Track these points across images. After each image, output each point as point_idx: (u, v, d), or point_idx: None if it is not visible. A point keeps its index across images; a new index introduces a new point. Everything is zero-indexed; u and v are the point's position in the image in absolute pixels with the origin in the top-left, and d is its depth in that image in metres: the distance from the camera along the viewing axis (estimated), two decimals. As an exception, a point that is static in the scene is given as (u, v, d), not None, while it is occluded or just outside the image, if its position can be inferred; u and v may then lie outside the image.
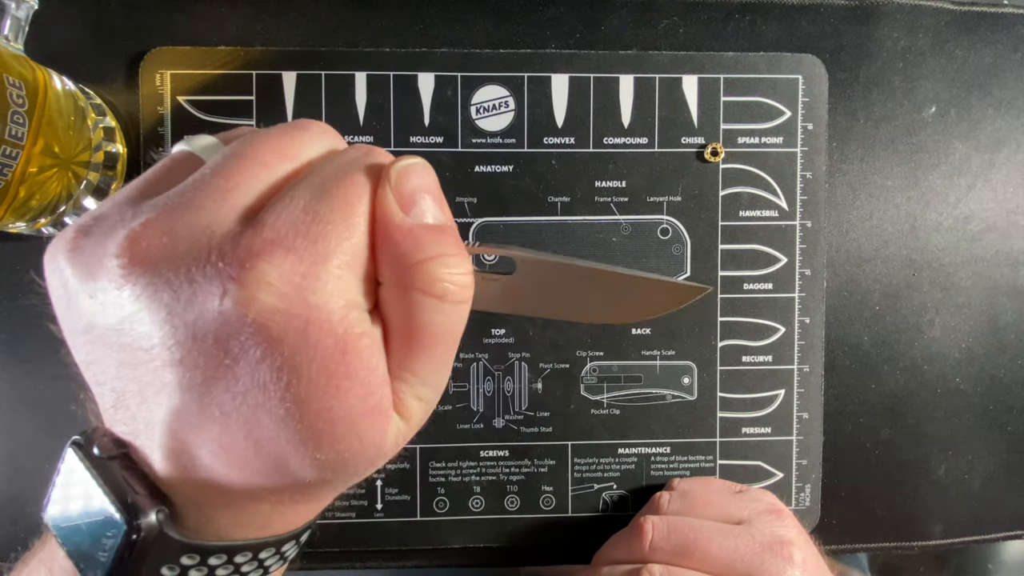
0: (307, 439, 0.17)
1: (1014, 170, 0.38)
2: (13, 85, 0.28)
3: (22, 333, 0.35)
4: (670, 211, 0.37)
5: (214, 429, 0.17)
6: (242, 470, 0.18)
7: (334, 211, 0.17)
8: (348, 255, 0.17)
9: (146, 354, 0.17)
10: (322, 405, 0.17)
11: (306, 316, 0.16)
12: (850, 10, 0.37)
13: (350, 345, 0.17)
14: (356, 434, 0.18)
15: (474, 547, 0.37)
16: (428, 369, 0.19)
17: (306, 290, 0.16)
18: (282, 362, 0.16)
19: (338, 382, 0.17)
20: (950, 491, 0.39)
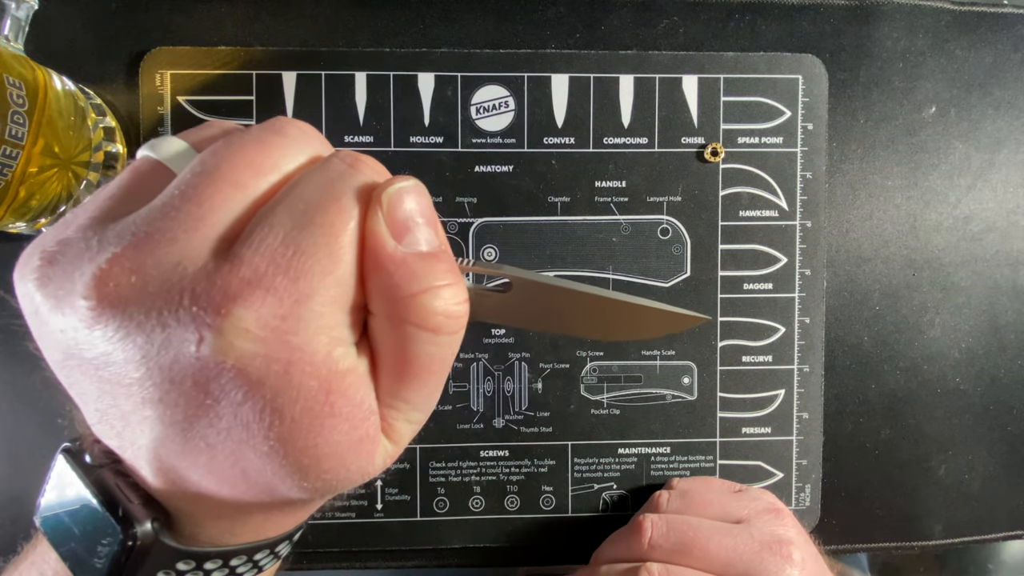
0: (293, 472, 0.17)
1: (1014, 170, 0.38)
2: (13, 85, 0.28)
3: (22, 333, 0.35)
4: (670, 211, 0.37)
5: (200, 458, 0.17)
6: (232, 490, 0.18)
7: (317, 243, 0.16)
8: (332, 290, 0.16)
9: (125, 389, 0.16)
10: (307, 443, 0.16)
11: (287, 359, 0.15)
12: (850, 10, 0.37)
13: (334, 384, 0.16)
14: (343, 465, 0.18)
15: (474, 547, 0.37)
16: (420, 396, 0.19)
17: (287, 332, 0.15)
18: (264, 404, 0.16)
19: (323, 421, 0.16)
20: (950, 491, 0.39)
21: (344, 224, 0.16)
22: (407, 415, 0.19)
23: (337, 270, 0.16)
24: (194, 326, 0.15)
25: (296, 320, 0.16)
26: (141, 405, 0.16)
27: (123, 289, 0.15)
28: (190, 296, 0.15)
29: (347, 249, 0.16)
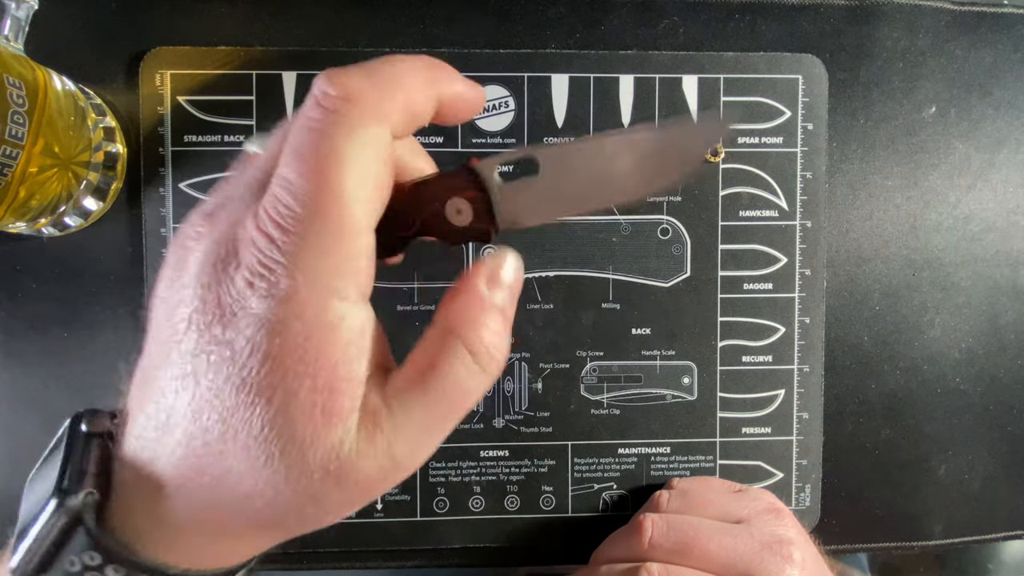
0: (254, 416, 0.17)
1: (1014, 170, 0.38)
2: (13, 85, 0.28)
3: (22, 333, 0.35)
4: (670, 211, 0.37)
5: (185, 396, 0.18)
6: (197, 473, 0.18)
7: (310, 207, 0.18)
8: (340, 247, 0.17)
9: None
10: (269, 382, 0.17)
11: (282, 295, 0.17)
12: (850, 10, 0.37)
13: (315, 333, 0.17)
14: (299, 433, 0.17)
15: (474, 547, 0.37)
16: (419, 415, 0.19)
17: (285, 273, 0.17)
18: (254, 328, 0.17)
19: (292, 366, 0.17)
20: (950, 491, 0.39)
21: (336, 181, 0.17)
22: (395, 430, 0.19)
23: (330, 234, 0.17)
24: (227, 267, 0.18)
25: (295, 265, 0.17)
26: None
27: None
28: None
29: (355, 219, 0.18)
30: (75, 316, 0.35)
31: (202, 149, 0.35)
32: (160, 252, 0.35)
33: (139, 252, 0.35)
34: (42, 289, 0.35)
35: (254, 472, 0.18)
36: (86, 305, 0.35)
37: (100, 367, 0.35)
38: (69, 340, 0.35)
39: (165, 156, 0.35)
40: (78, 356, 0.35)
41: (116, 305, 0.35)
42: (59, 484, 0.19)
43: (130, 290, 0.35)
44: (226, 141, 0.35)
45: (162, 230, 0.35)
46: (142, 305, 0.35)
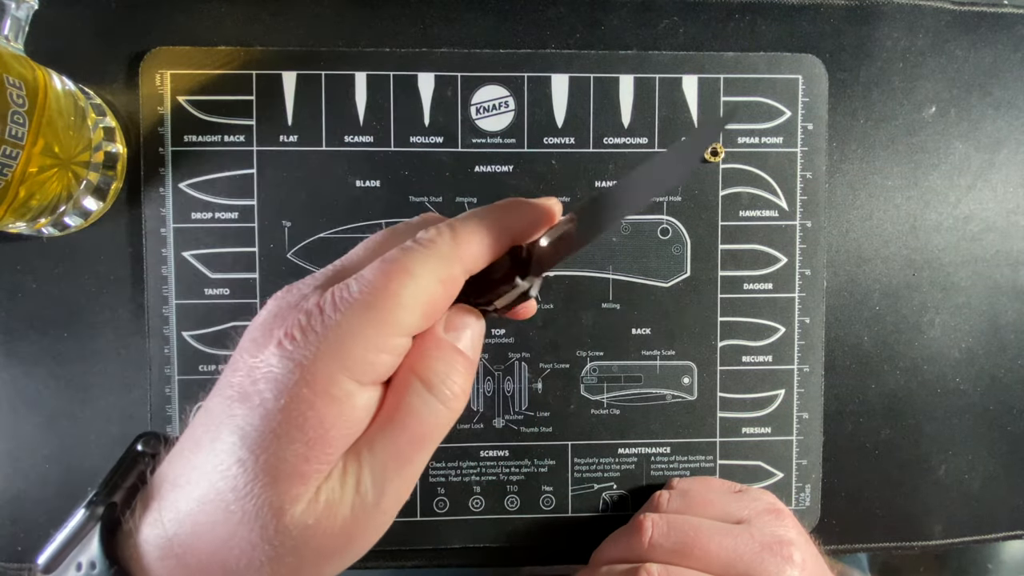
0: (243, 460, 0.19)
1: (1014, 170, 0.38)
2: (13, 85, 0.28)
3: (21, 333, 0.35)
4: (670, 211, 0.37)
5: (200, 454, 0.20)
6: (194, 501, 0.20)
7: (361, 299, 0.20)
8: (365, 333, 0.20)
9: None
10: (263, 440, 0.19)
11: (301, 363, 0.19)
12: (850, 10, 0.37)
13: (319, 403, 0.19)
14: (280, 491, 0.19)
15: (474, 547, 0.37)
16: (386, 452, 0.20)
17: (310, 345, 0.19)
18: (268, 386, 0.19)
19: (288, 430, 0.19)
20: (950, 491, 0.39)
21: (391, 291, 0.20)
22: (364, 472, 0.20)
23: (372, 323, 0.19)
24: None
25: (322, 338, 0.19)
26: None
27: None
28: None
29: (390, 311, 0.20)
30: (75, 316, 0.35)
31: (202, 149, 0.35)
32: (160, 252, 0.35)
33: (139, 252, 0.35)
34: (42, 289, 0.35)
35: (232, 530, 0.19)
36: (86, 305, 0.35)
37: (100, 367, 0.35)
38: (69, 340, 0.35)
39: (165, 156, 0.35)
40: (78, 356, 0.35)
41: (116, 305, 0.35)
42: (95, 494, 0.21)
43: (130, 290, 0.35)
44: (226, 141, 0.35)
45: (162, 230, 0.35)
46: (142, 305, 0.35)
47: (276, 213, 0.35)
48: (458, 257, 0.21)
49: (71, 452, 0.35)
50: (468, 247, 0.22)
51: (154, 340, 0.35)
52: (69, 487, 0.35)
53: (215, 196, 0.35)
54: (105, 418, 0.35)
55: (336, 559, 0.20)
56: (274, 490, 0.19)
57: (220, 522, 0.19)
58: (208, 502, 0.19)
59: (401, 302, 0.20)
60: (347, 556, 0.21)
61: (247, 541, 0.19)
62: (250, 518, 0.19)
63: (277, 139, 0.35)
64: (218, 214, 0.35)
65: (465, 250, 0.21)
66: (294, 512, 0.19)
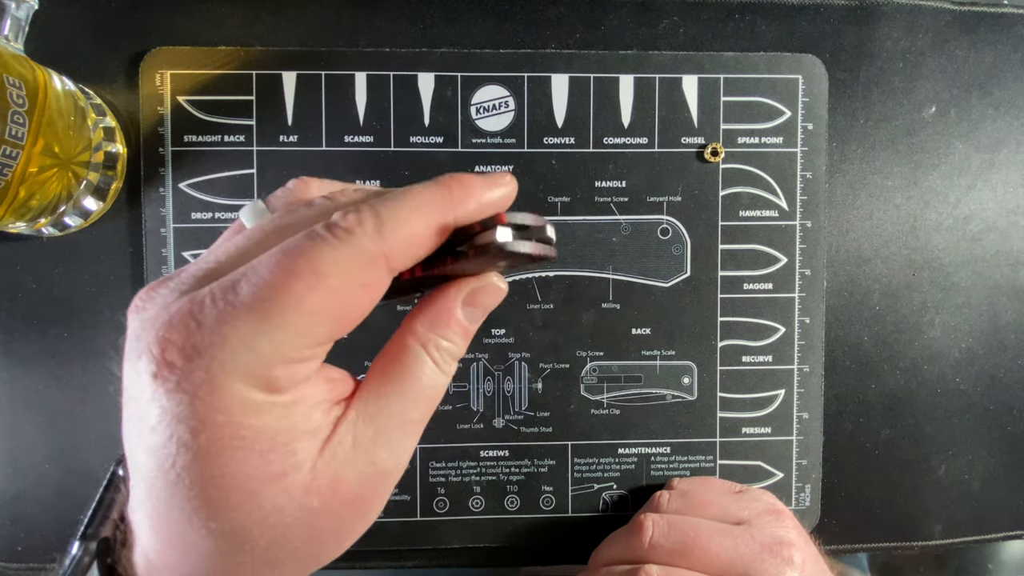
0: (200, 507, 0.17)
1: (1014, 170, 0.38)
2: (13, 85, 0.28)
3: (21, 333, 0.35)
4: (670, 211, 0.37)
5: (139, 489, 0.18)
6: (162, 545, 0.18)
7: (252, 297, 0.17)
8: (265, 332, 0.16)
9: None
10: (211, 473, 0.16)
11: (193, 391, 0.16)
12: (850, 10, 0.37)
13: (246, 420, 0.17)
14: (253, 499, 0.17)
15: (474, 547, 0.37)
16: (380, 413, 0.19)
17: (197, 368, 0.16)
18: (171, 430, 0.16)
19: (231, 453, 0.16)
20: (950, 491, 0.39)
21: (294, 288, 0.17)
22: (356, 428, 0.19)
23: (267, 338, 0.16)
24: (146, 354, 0.17)
25: (210, 358, 0.16)
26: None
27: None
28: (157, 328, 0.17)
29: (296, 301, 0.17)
30: (75, 316, 0.35)
31: (202, 149, 0.35)
32: (160, 252, 0.35)
33: (139, 252, 0.35)
34: (42, 289, 0.35)
35: (233, 549, 0.18)
36: (86, 305, 0.35)
37: (100, 367, 0.35)
38: (69, 340, 0.35)
39: (165, 156, 0.35)
40: (78, 356, 0.35)
41: (116, 305, 0.35)
42: (85, 527, 0.20)
43: (130, 290, 0.35)
44: (226, 141, 0.35)
45: (162, 230, 0.35)
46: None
47: (276, 213, 0.35)
48: (383, 254, 0.17)
49: (71, 452, 0.35)
50: (396, 241, 0.17)
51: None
52: (69, 487, 0.35)
53: (215, 196, 0.35)
54: (105, 418, 0.35)
55: (354, 528, 0.20)
56: (258, 499, 0.17)
57: (216, 552, 0.17)
58: (189, 544, 0.17)
59: (307, 309, 0.16)
60: (364, 524, 0.20)
61: (253, 552, 0.18)
62: (247, 532, 0.17)
63: (277, 139, 0.35)
64: (218, 214, 0.35)
65: (392, 244, 0.17)
66: (293, 501, 0.18)
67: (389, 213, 0.17)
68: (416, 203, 0.18)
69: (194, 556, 0.18)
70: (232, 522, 0.17)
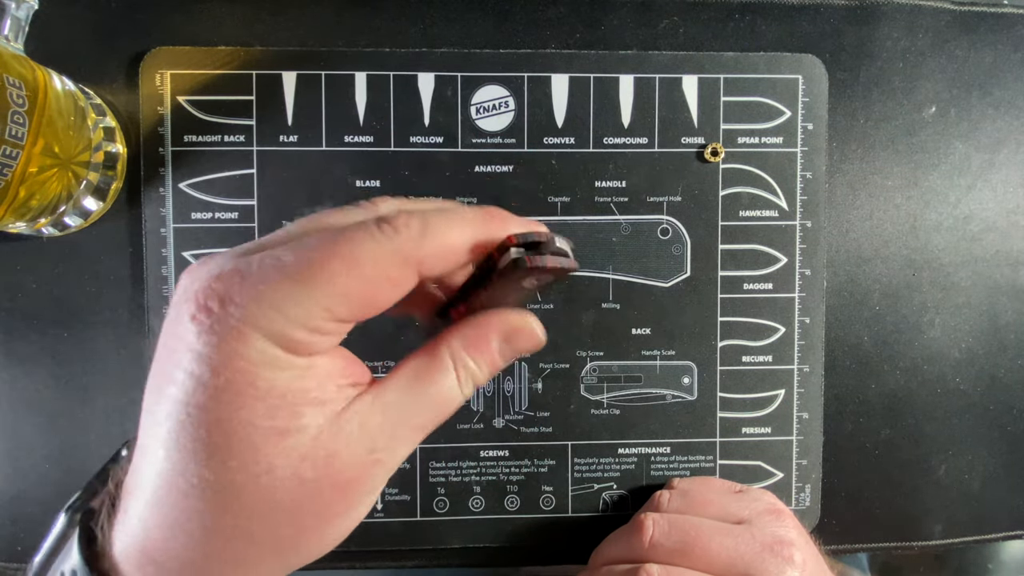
0: (203, 448, 0.18)
1: (1014, 170, 0.38)
2: (13, 85, 0.28)
3: (21, 333, 0.35)
4: (670, 211, 0.37)
5: (143, 442, 0.19)
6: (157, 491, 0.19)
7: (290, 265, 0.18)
8: (294, 297, 0.18)
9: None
10: (220, 416, 0.18)
11: (223, 334, 0.18)
12: (850, 10, 0.37)
13: (262, 370, 0.18)
14: (252, 454, 0.18)
15: (474, 547, 0.37)
16: (393, 406, 0.20)
17: (232, 315, 0.18)
18: (193, 365, 0.18)
19: (242, 400, 0.18)
20: (950, 491, 0.39)
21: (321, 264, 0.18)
22: (373, 423, 0.19)
23: (296, 301, 0.18)
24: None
25: (244, 309, 0.17)
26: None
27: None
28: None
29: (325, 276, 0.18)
30: (75, 316, 0.35)
31: (202, 149, 0.35)
32: (160, 252, 0.35)
33: (139, 252, 0.35)
34: (42, 289, 0.35)
35: (201, 519, 0.18)
36: (86, 305, 0.35)
37: (100, 367, 0.35)
38: (69, 340, 0.35)
39: (165, 156, 0.35)
40: (78, 356, 0.35)
41: (116, 305, 0.35)
42: (74, 499, 0.21)
43: (130, 290, 0.35)
44: (226, 141, 0.35)
45: (162, 230, 0.35)
46: (142, 305, 0.35)
47: (276, 213, 0.35)
48: (418, 258, 0.19)
49: (71, 452, 0.35)
50: (433, 248, 0.19)
51: (154, 340, 0.35)
52: (69, 487, 0.35)
53: (215, 196, 0.35)
54: (105, 418, 0.35)
55: (337, 520, 0.20)
56: (257, 452, 0.18)
57: (197, 511, 0.18)
58: (175, 494, 0.18)
59: (337, 289, 0.18)
60: (348, 518, 0.20)
61: (240, 515, 0.18)
62: (237, 488, 0.18)
63: (277, 139, 0.35)
64: (218, 214, 0.35)
65: (429, 250, 0.19)
66: (288, 465, 0.18)
67: (434, 222, 0.19)
68: (459, 218, 0.20)
69: (178, 515, 0.18)
70: (226, 473, 0.18)
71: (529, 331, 0.21)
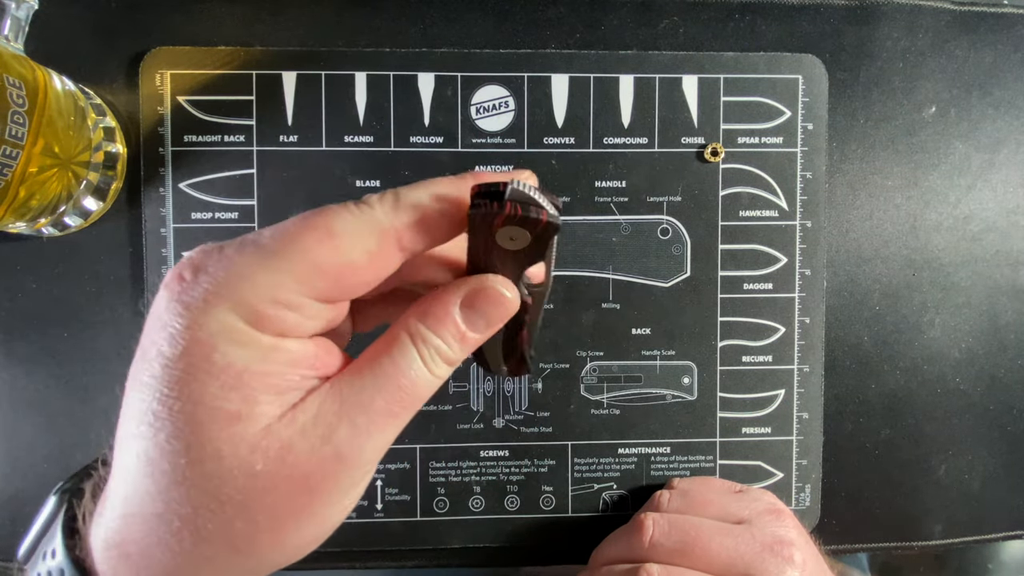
0: (169, 419, 0.17)
1: (1014, 170, 0.38)
2: (13, 85, 0.28)
3: (21, 333, 0.35)
4: (670, 211, 0.37)
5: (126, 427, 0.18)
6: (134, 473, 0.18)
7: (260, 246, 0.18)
8: (250, 280, 0.18)
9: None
10: (182, 392, 0.17)
11: (187, 315, 0.17)
12: (850, 10, 0.37)
13: (217, 348, 0.17)
14: (197, 435, 0.17)
15: (474, 547, 0.37)
16: (350, 392, 0.19)
17: (197, 298, 0.17)
18: (156, 336, 0.18)
19: (197, 375, 0.17)
20: (950, 491, 0.39)
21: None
22: (324, 415, 0.18)
23: (269, 270, 0.18)
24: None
25: (212, 278, 0.17)
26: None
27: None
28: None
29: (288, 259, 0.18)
30: (75, 316, 0.35)
31: (202, 149, 0.35)
32: (160, 252, 0.35)
33: (139, 252, 0.35)
34: (42, 289, 0.35)
35: (165, 497, 0.17)
36: (86, 305, 0.35)
37: (100, 367, 0.35)
38: (69, 340, 0.35)
39: (165, 156, 0.35)
40: (78, 356, 0.35)
41: (116, 305, 0.35)
42: (65, 481, 0.21)
43: (130, 290, 0.35)
44: (226, 141, 0.35)
45: (162, 230, 0.35)
46: (142, 305, 0.35)
47: (276, 213, 0.35)
48: (395, 230, 0.18)
49: (71, 452, 0.35)
50: (409, 217, 0.18)
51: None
52: (69, 487, 0.35)
53: (215, 196, 0.35)
54: (105, 418, 0.35)
55: (297, 522, 0.18)
56: (202, 433, 0.17)
57: (149, 493, 0.17)
58: (133, 472, 0.17)
59: (311, 259, 0.17)
60: (311, 521, 0.19)
61: (185, 503, 0.17)
62: (182, 471, 0.17)
63: (277, 139, 0.35)
64: (218, 214, 0.35)
65: (405, 220, 0.18)
66: (236, 454, 0.17)
67: (407, 192, 0.19)
68: (432, 185, 0.19)
69: (132, 496, 0.18)
70: (171, 455, 0.17)
71: (490, 290, 0.20)
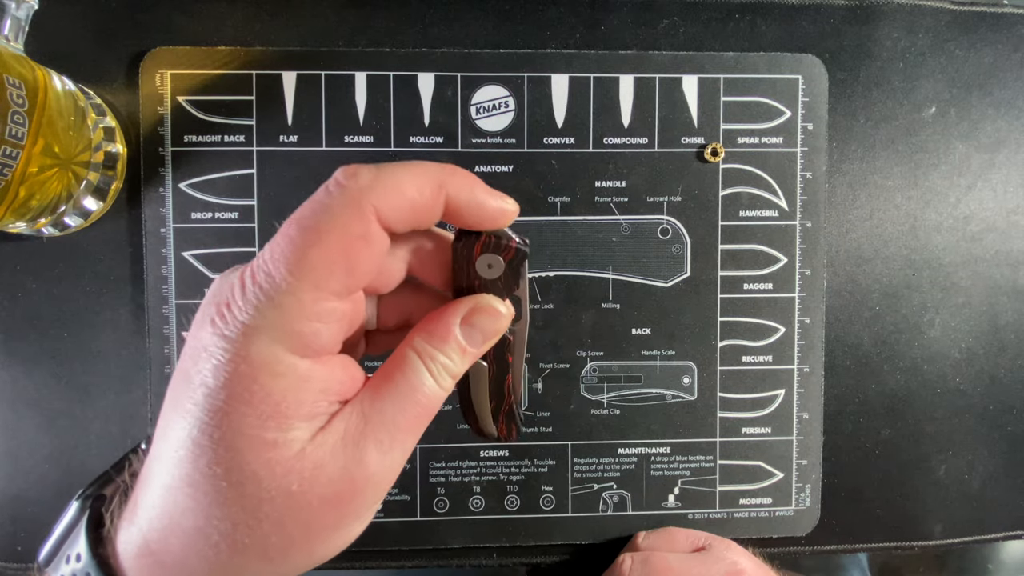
0: (207, 442, 0.18)
1: (1014, 170, 0.38)
2: (13, 85, 0.28)
3: (22, 333, 0.35)
4: (670, 211, 0.37)
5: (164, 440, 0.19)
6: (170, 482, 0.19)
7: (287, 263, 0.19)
8: (298, 297, 0.18)
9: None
10: (225, 410, 0.18)
11: (236, 342, 0.18)
12: (850, 10, 0.37)
13: (260, 375, 0.18)
14: (237, 460, 0.18)
15: (474, 547, 0.37)
16: (373, 412, 0.20)
17: (243, 323, 0.18)
18: (201, 367, 0.19)
19: (236, 405, 0.18)
20: (950, 491, 0.39)
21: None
22: (352, 434, 0.20)
23: (288, 292, 0.18)
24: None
25: (247, 314, 0.18)
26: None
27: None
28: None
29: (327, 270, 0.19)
30: (75, 316, 0.35)
31: (202, 149, 0.35)
32: (160, 252, 0.35)
33: (139, 252, 0.35)
34: (42, 289, 0.35)
35: (205, 513, 0.18)
36: (86, 305, 0.35)
37: (100, 367, 0.35)
38: (69, 340, 0.35)
39: (165, 156, 0.35)
40: (78, 356, 0.35)
41: (116, 305, 0.35)
42: (87, 487, 0.21)
43: (130, 290, 0.35)
44: (226, 141, 0.35)
45: (162, 230, 0.35)
46: (142, 305, 0.35)
47: (276, 213, 0.35)
48: (374, 205, 0.19)
49: (71, 452, 0.35)
50: (387, 192, 0.19)
51: (154, 340, 0.35)
52: (69, 487, 0.35)
53: (215, 196, 0.35)
54: (105, 418, 0.35)
55: (327, 534, 0.20)
56: (241, 459, 0.18)
57: (190, 509, 0.18)
58: (174, 490, 0.18)
59: (314, 263, 0.18)
60: (340, 532, 0.20)
61: (225, 520, 0.18)
62: (223, 493, 0.18)
63: (277, 139, 0.35)
64: (218, 214, 0.35)
65: (382, 195, 0.19)
66: (273, 477, 0.18)
67: (385, 168, 0.19)
68: (413, 166, 0.20)
69: (174, 511, 0.19)
70: (213, 478, 0.18)
71: (487, 308, 0.22)
